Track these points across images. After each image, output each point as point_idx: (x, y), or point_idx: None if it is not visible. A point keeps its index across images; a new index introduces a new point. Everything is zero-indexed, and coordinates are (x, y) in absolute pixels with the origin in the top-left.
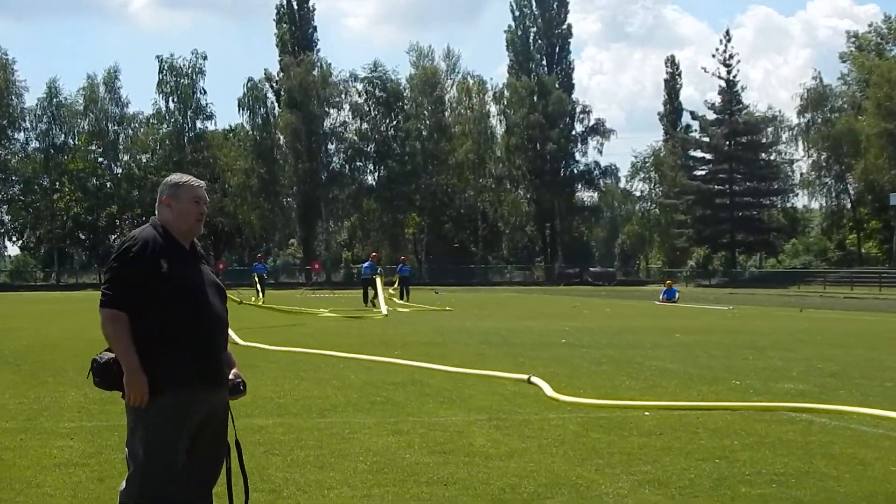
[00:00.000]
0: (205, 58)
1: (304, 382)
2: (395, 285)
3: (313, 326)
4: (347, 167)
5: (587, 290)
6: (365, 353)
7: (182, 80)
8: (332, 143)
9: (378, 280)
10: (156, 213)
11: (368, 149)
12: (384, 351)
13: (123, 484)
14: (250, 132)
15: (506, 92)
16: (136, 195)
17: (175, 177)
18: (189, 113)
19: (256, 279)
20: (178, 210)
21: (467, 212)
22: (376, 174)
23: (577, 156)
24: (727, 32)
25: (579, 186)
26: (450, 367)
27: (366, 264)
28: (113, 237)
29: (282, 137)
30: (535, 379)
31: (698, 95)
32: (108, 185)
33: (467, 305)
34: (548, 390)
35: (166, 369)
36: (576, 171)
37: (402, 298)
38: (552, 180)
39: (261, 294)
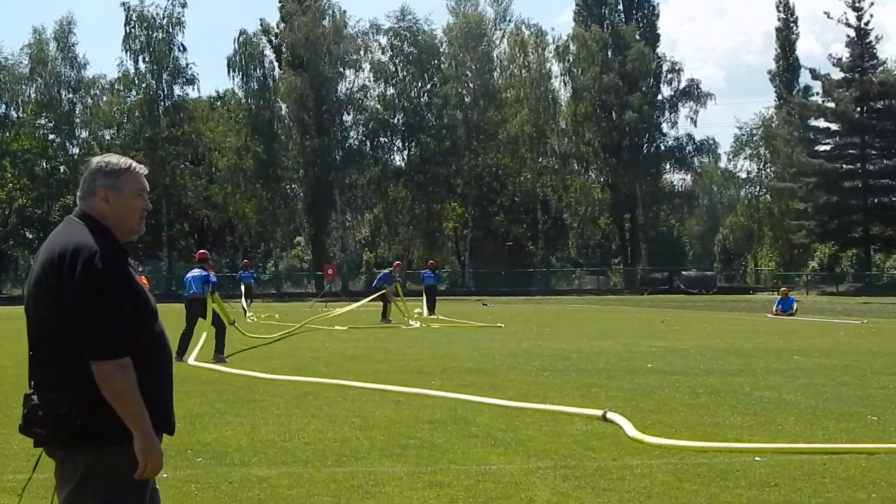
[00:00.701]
0: (184, 5)
1: (317, 421)
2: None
3: (326, 349)
4: (368, 144)
5: (679, 300)
6: (393, 383)
7: (155, 34)
8: (348, 114)
9: (392, 291)
10: (81, 206)
11: (395, 120)
12: (418, 380)
13: None
14: (243, 100)
15: (571, 46)
16: None
17: (112, 160)
18: (164, 76)
19: (242, 290)
20: (120, 205)
21: (523, 200)
22: (405, 153)
23: (665, 127)
24: None
25: (667, 166)
26: (503, 401)
27: (382, 273)
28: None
29: (283, 106)
30: (612, 415)
31: (820, 49)
32: (63, 169)
33: (524, 321)
34: (629, 429)
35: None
36: (663, 147)
37: (430, 314)
38: (632, 159)
39: (245, 310)
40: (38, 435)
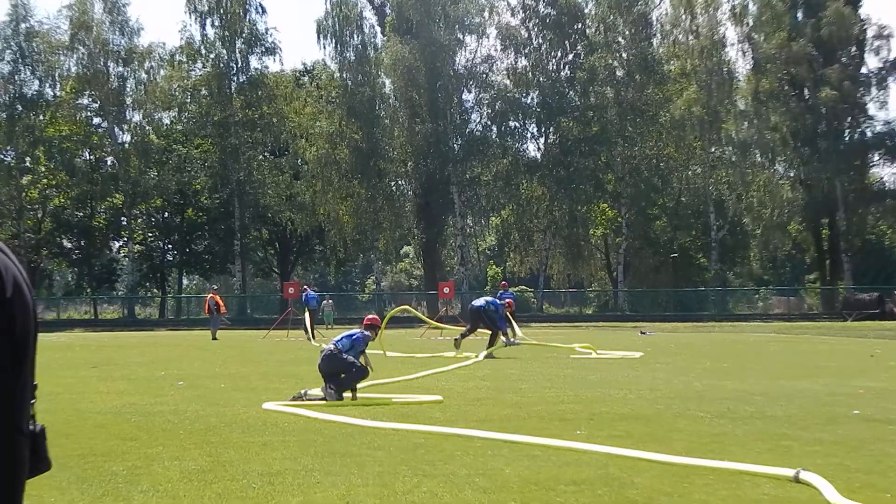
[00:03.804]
0: None
1: (429, 481)
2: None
3: (436, 388)
4: (495, 130)
5: (892, 329)
6: (528, 433)
7: None
8: (469, 91)
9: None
10: None
11: (529, 99)
12: (558, 428)
13: None
14: (337, 74)
15: (751, 5)
16: (155, 177)
17: None
18: (238, 44)
19: (307, 315)
20: None
21: (692, 200)
22: (542, 140)
23: (872, 109)
24: None
25: (876, 158)
26: (668, 456)
27: (504, 294)
28: (117, 245)
29: (388, 82)
30: (807, 475)
31: None
32: (110, 161)
33: (693, 354)
34: (830, 494)
35: None
36: (869, 134)
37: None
38: (831, 149)
39: (310, 337)
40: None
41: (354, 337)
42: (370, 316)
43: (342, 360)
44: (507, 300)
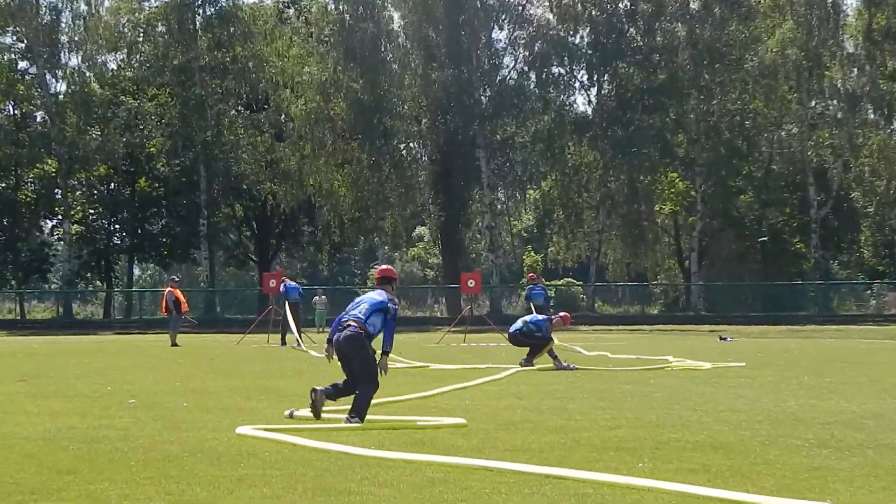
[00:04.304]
0: None
1: None
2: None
3: (458, 408)
4: (533, 77)
5: None
6: (574, 466)
7: None
8: (500, 28)
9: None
10: None
11: (577, 39)
12: (614, 460)
13: None
14: (331, 6)
15: None
16: (98, 138)
17: None
18: None
19: (287, 310)
20: None
21: (786, 169)
22: (594, 91)
23: None
24: None
25: None
26: (755, 496)
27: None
28: (49, 225)
29: (395, 17)
30: None
31: None
32: (40, 117)
33: (788, 365)
34: None
35: None
36: None
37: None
38: None
39: (297, 338)
40: None
41: (382, 304)
42: (383, 267)
43: (368, 350)
44: (562, 315)
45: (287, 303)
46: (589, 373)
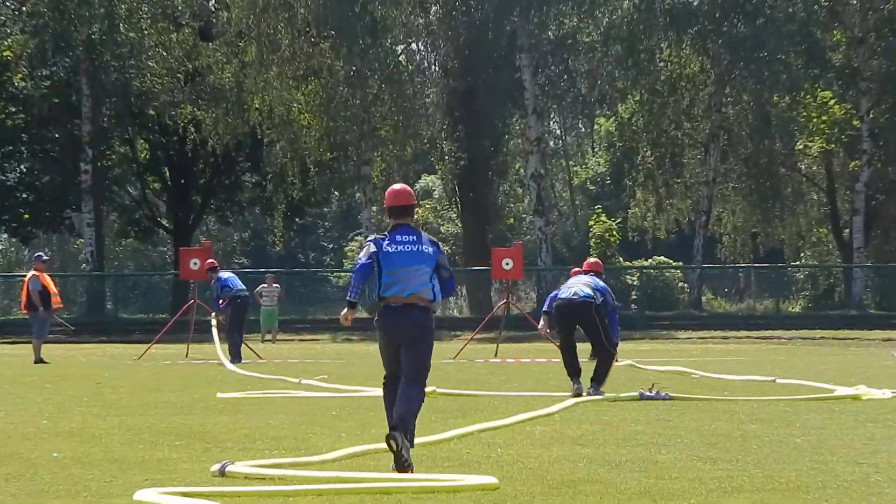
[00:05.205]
0: None
1: None
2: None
3: (487, 459)
4: None
5: None
6: None
7: None
8: None
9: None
10: None
11: None
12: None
13: None
14: None
15: None
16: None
17: None
18: None
19: (215, 319)
20: None
21: None
22: None
23: None
24: None
25: None
26: None
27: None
28: (22, 195)
29: None
30: None
31: None
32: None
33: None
34: None
35: None
36: None
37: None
38: None
39: (236, 355)
40: None
41: (435, 252)
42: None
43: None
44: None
45: (219, 298)
46: (692, 405)
